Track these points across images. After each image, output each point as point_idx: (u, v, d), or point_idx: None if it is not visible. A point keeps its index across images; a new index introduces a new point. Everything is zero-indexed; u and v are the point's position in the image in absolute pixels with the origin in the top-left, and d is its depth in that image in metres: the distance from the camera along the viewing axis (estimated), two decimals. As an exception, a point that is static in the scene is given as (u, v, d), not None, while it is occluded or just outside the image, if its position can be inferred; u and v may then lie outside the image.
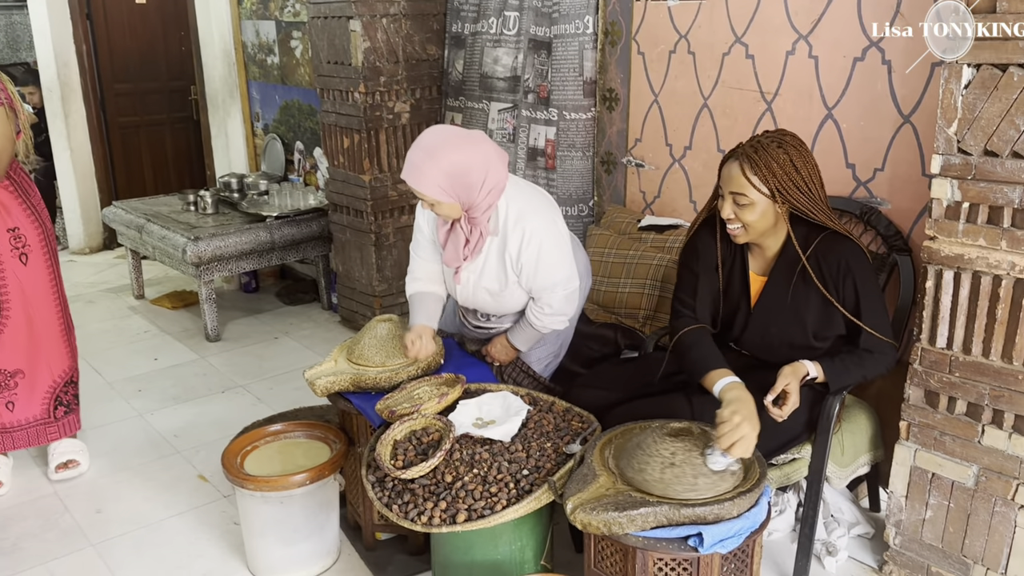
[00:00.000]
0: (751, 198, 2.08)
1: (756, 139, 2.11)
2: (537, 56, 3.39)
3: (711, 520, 1.76)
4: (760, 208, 2.10)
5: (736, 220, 2.13)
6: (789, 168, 2.06)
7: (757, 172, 2.06)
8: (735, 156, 2.11)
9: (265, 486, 2.28)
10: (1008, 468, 2.08)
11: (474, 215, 2.29)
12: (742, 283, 2.26)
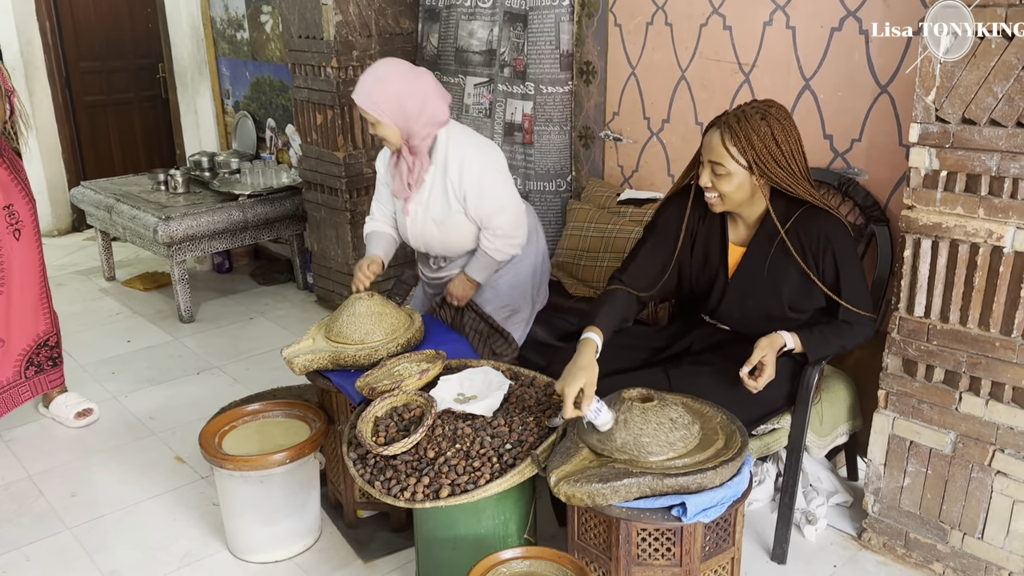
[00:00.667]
0: (728, 168, 2.07)
1: (741, 108, 2.09)
2: (513, 29, 3.35)
3: (694, 489, 1.77)
4: (737, 179, 2.09)
5: (713, 189, 2.12)
6: (769, 142, 2.04)
7: (736, 143, 2.05)
8: (717, 125, 2.09)
9: (244, 466, 2.26)
10: (985, 434, 2.10)
11: (413, 143, 2.52)
12: (721, 253, 2.26)
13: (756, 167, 2.06)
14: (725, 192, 2.11)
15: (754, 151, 2.04)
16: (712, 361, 2.24)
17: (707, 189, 2.13)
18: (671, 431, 1.83)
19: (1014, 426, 2.05)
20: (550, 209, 3.42)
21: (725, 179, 2.09)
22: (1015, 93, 1.87)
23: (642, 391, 1.93)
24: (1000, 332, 2.03)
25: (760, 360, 2.09)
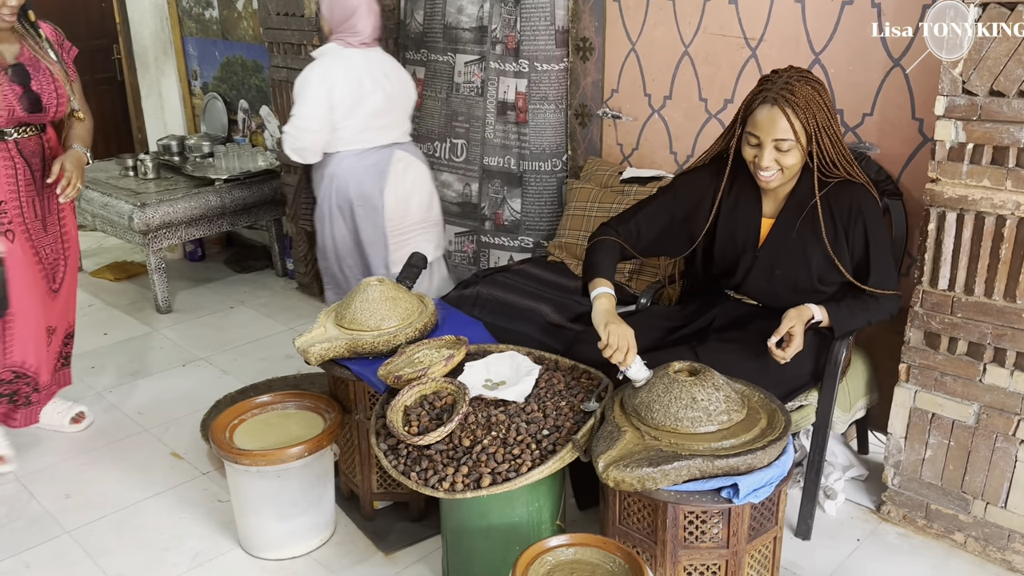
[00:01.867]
0: (792, 142, 2.03)
1: (784, 80, 2.04)
2: (504, 5, 3.26)
3: (744, 470, 1.74)
4: (799, 152, 2.06)
5: (775, 166, 2.07)
6: (823, 107, 2.03)
7: (799, 115, 2.01)
8: (771, 100, 2.02)
9: (262, 460, 2.17)
10: (1010, 404, 2.12)
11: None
12: (752, 226, 2.23)
13: (815, 136, 2.05)
14: (789, 166, 2.07)
15: (815, 120, 2.03)
16: (738, 338, 2.22)
17: (765, 169, 2.08)
18: (720, 403, 1.80)
19: (1040, 396, 2.07)
20: (546, 189, 3.37)
21: (789, 154, 2.05)
22: (1047, 64, 1.88)
23: (690, 364, 1.90)
24: (1027, 303, 2.04)
25: (788, 331, 2.07)
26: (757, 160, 2.08)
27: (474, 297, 2.84)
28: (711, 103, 2.90)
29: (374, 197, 2.95)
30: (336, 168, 2.94)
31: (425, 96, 3.68)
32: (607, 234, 2.26)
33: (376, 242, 2.99)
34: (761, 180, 2.12)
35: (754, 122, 2.06)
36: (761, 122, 2.04)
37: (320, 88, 2.83)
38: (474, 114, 3.49)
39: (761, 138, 2.05)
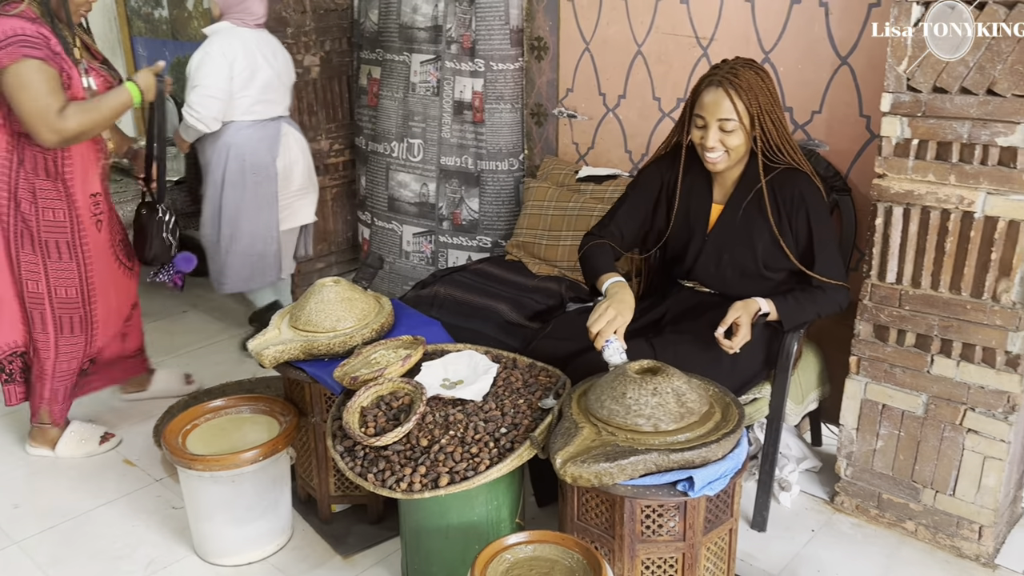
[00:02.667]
0: (736, 124, 2.10)
1: (730, 65, 2.12)
2: (459, 4, 3.26)
3: (699, 463, 1.76)
4: (743, 133, 2.12)
5: (720, 147, 2.13)
6: (765, 94, 2.10)
7: (741, 97, 2.08)
8: (716, 83, 2.10)
9: (215, 465, 2.14)
10: (957, 394, 2.17)
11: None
12: (703, 211, 2.29)
13: (758, 119, 2.11)
14: (733, 147, 2.14)
15: (758, 103, 2.09)
16: (692, 328, 2.24)
17: (712, 150, 2.14)
18: (682, 401, 1.81)
19: (984, 385, 2.12)
20: (503, 189, 3.37)
21: (733, 135, 2.12)
22: (985, 61, 1.92)
23: (652, 363, 1.91)
24: (971, 295, 2.09)
25: (735, 321, 2.11)
26: (703, 141, 2.14)
27: (432, 297, 2.83)
28: (664, 102, 2.92)
29: (268, 166, 3.20)
30: (233, 138, 3.15)
31: (381, 96, 3.66)
32: (593, 240, 2.33)
33: (266, 207, 3.23)
34: (708, 162, 2.18)
35: (700, 104, 2.13)
36: (707, 104, 2.11)
37: (223, 61, 3.04)
38: (430, 114, 3.47)
39: (707, 119, 2.12)
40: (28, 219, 2.49)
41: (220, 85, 3.05)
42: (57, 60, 2.36)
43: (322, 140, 3.90)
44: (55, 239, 2.53)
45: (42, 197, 2.49)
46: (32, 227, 2.50)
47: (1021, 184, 1.95)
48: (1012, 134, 1.94)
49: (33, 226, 2.50)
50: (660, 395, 1.80)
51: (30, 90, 2.31)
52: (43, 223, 2.51)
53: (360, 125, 3.85)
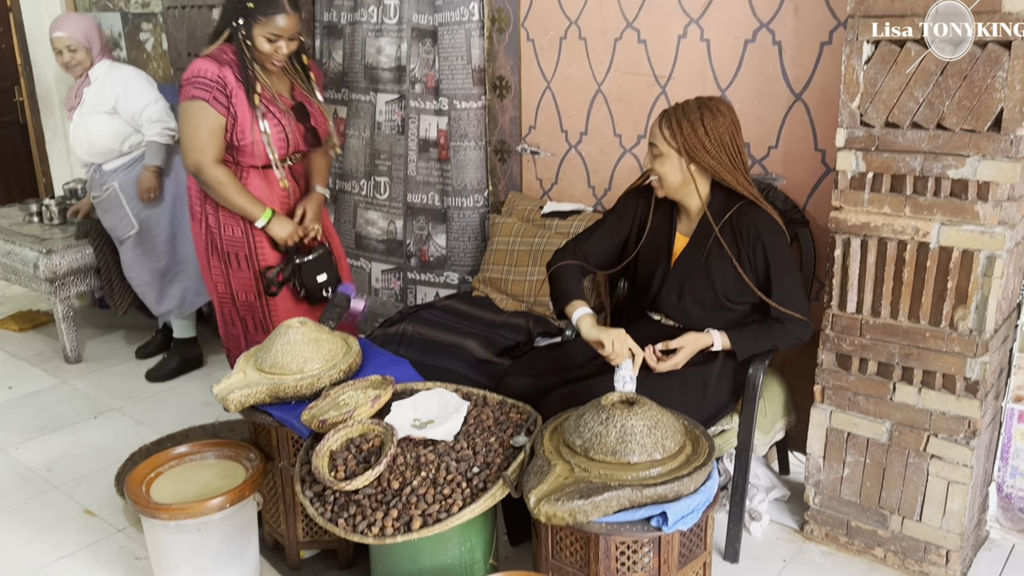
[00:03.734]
0: (661, 150, 2.21)
1: (687, 100, 2.22)
2: (422, 45, 3.29)
3: (672, 498, 1.77)
4: (670, 163, 2.22)
5: (653, 172, 2.25)
6: (699, 128, 2.16)
7: (668, 127, 2.19)
8: (662, 114, 2.23)
9: (181, 514, 2.09)
10: (919, 421, 2.21)
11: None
12: (667, 242, 2.34)
13: (685, 151, 2.19)
14: (661, 173, 2.24)
15: (683, 135, 2.17)
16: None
17: (649, 171, 2.27)
18: (658, 434, 1.82)
19: (946, 411, 2.17)
20: (468, 225, 3.38)
21: (660, 160, 2.23)
22: (934, 97, 1.99)
23: (628, 395, 1.92)
24: (929, 323, 2.14)
25: (676, 346, 2.21)
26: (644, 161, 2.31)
27: (399, 335, 2.82)
28: (625, 138, 2.97)
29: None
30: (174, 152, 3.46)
31: (348, 135, 3.67)
32: (564, 259, 2.39)
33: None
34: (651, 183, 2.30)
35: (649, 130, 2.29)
36: (650, 131, 2.26)
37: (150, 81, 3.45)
38: (396, 152, 3.49)
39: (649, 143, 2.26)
40: (213, 232, 2.73)
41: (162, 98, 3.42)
42: (226, 104, 2.57)
43: (285, 180, 3.88)
44: (235, 251, 2.72)
45: (223, 215, 2.70)
46: (216, 239, 2.73)
47: (973, 215, 2.01)
48: (962, 166, 2.00)
49: (217, 239, 2.73)
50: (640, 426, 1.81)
51: (188, 126, 2.60)
52: (225, 238, 2.72)
53: (323, 164, 3.84)
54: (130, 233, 3.52)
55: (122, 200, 3.49)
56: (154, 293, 3.61)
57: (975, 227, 2.02)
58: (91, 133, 3.40)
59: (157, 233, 3.53)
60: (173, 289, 3.62)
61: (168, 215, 3.53)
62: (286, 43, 2.59)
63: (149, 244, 3.54)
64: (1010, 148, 1.93)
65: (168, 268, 3.58)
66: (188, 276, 3.60)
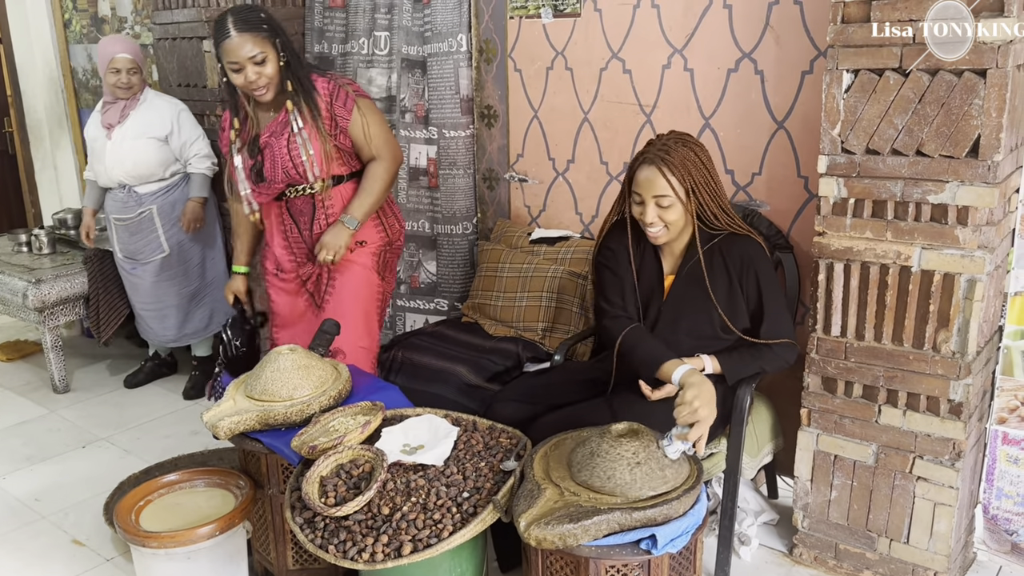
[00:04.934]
0: (672, 200, 2.16)
1: (663, 141, 2.20)
2: (412, 75, 3.34)
3: (661, 521, 1.78)
4: (679, 208, 2.19)
5: (659, 222, 2.19)
6: (700, 166, 2.17)
7: (675, 173, 2.15)
8: (648, 161, 2.17)
9: (170, 542, 2.08)
10: (905, 443, 2.24)
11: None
12: (657, 281, 2.33)
13: (693, 193, 2.17)
14: (671, 221, 2.20)
15: (691, 177, 2.16)
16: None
17: (651, 225, 2.19)
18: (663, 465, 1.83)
19: (931, 433, 2.19)
20: (457, 252, 3.41)
21: (670, 210, 2.18)
22: (913, 124, 2.04)
23: (631, 425, 1.92)
24: (912, 346, 2.17)
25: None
26: (642, 217, 2.20)
27: (390, 361, 2.83)
28: (611, 166, 3.02)
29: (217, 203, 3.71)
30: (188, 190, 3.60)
31: (335, 164, 3.70)
32: (624, 324, 2.26)
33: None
34: (650, 236, 2.24)
35: (637, 182, 2.20)
36: (642, 182, 2.18)
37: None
38: (385, 180, 3.52)
39: (643, 196, 2.18)
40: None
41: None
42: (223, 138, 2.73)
43: (275, 208, 3.91)
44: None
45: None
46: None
47: (953, 239, 2.05)
48: (942, 192, 2.04)
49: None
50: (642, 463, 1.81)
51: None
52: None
53: (313, 192, 3.87)
54: (155, 257, 3.57)
55: (157, 224, 3.54)
56: (179, 317, 3.65)
57: (956, 251, 2.06)
58: (137, 155, 3.44)
59: (190, 257, 3.60)
60: (201, 312, 3.67)
61: (201, 238, 3.61)
62: (252, 68, 2.47)
63: (179, 268, 3.59)
64: (988, 174, 1.98)
65: (198, 291, 3.65)
66: (216, 298, 3.67)
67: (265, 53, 2.49)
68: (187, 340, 3.75)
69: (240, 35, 2.45)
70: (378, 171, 2.65)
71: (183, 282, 3.61)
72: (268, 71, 2.50)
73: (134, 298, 3.70)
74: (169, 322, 3.65)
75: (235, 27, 2.46)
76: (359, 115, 2.61)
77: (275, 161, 2.61)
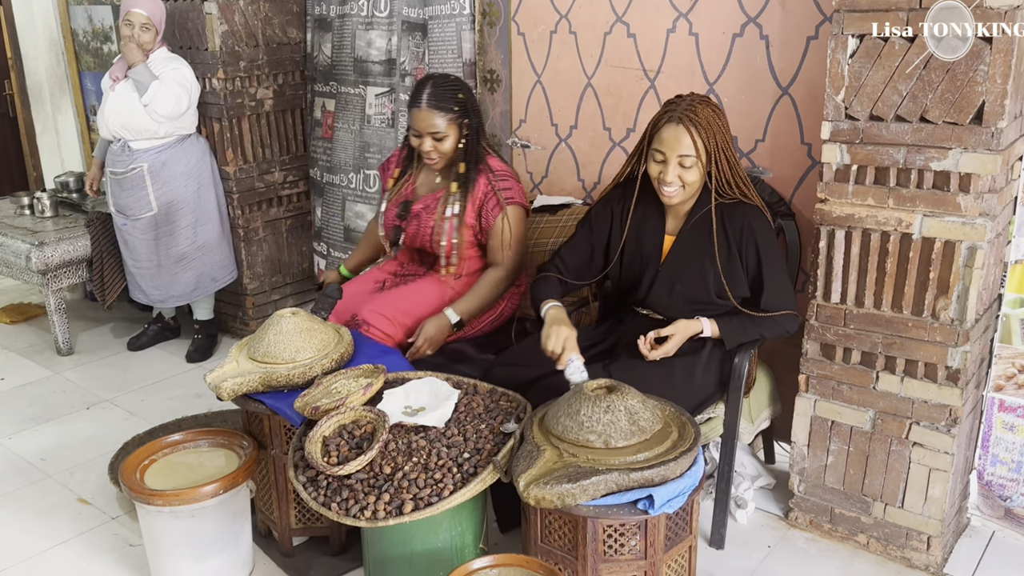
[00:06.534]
0: (694, 159, 2.16)
1: (687, 102, 2.18)
2: (412, 38, 3.32)
3: (658, 482, 1.80)
4: (699, 169, 2.19)
5: (677, 182, 2.19)
6: (723, 130, 2.18)
7: (701, 134, 2.15)
8: (676, 119, 2.16)
9: (175, 500, 2.11)
10: (902, 409, 2.26)
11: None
12: (657, 242, 2.34)
13: (715, 155, 2.18)
14: (690, 182, 2.20)
15: (715, 140, 2.16)
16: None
17: (669, 184, 2.19)
18: (634, 419, 1.86)
19: (928, 399, 2.21)
20: (459, 218, 3.40)
21: (691, 171, 2.18)
22: (918, 91, 2.03)
23: (609, 381, 1.95)
24: (911, 313, 2.18)
25: (668, 334, 2.23)
26: (662, 176, 2.19)
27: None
28: (615, 132, 3.00)
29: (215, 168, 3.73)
30: (206, 144, 3.66)
31: (336, 128, 3.69)
32: (546, 271, 2.44)
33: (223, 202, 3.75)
34: (664, 195, 2.22)
35: (660, 139, 2.18)
36: (667, 139, 2.16)
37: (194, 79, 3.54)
38: (386, 145, 3.51)
39: (666, 154, 2.17)
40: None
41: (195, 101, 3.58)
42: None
43: (276, 172, 3.91)
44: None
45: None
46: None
47: (955, 206, 2.05)
48: (945, 159, 2.04)
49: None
50: (612, 412, 1.85)
51: None
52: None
53: (315, 157, 3.87)
54: (144, 214, 3.55)
55: (147, 181, 3.52)
56: (167, 278, 3.64)
57: (957, 218, 2.06)
58: (133, 109, 3.41)
59: (179, 218, 3.57)
60: (187, 275, 3.65)
61: (192, 201, 3.58)
62: (430, 141, 2.54)
63: (167, 227, 3.57)
64: (991, 140, 1.97)
65: (187, 254, 3.62)
66: (207, 263, 3.67)
67: (447, 133, 2.55)
68: (172, 303, 3.76)
69: (429, 110, 2.52)
70: (494, 278, 2.64)
71: (169, 242, 3.58)
72: (444, 148, 2.57)
73: (125, 254, 3.71)
74: (155, 282, 3.66)
75: (427, 100, 2.52)
76: (502, 222, 2.61)
77: (419, 231, 2.67)
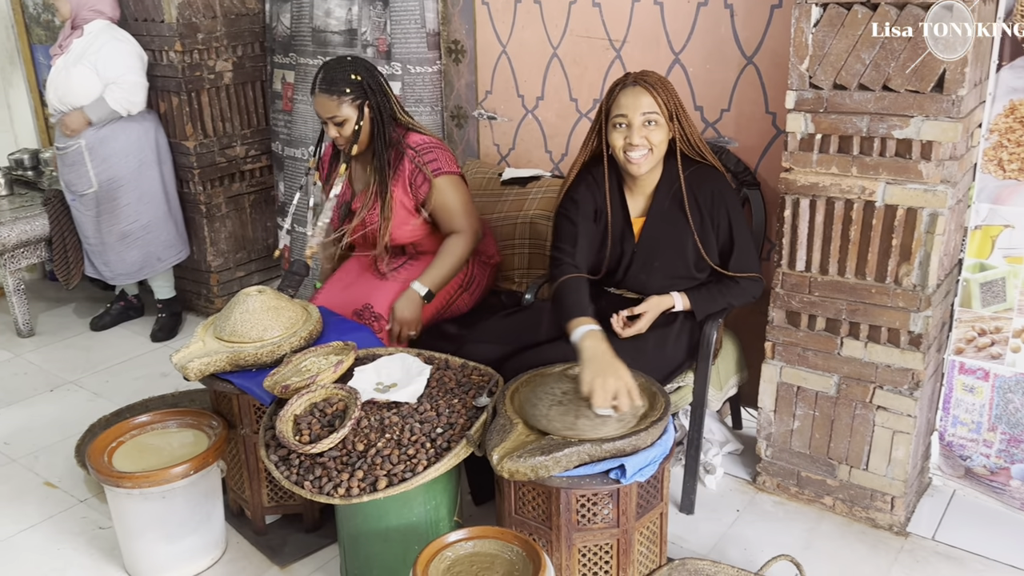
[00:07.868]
0: (658, 119, 2.17)
1: (641, 72, 2.21)
2: (373, 8, 3.26)
3: (629, 452, 1.82)
4: (664, 130, 2.19)
5: (644, 144, 2.17)
6: (674, 91, 2.21)
7: (659, 93, 2.17)
8: (631, 84, 2.18)
9: (145, 482, 2.10)
10: (866, 374, 2.30)
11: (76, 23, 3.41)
12: (624, 225, 2.33)
13: (675, 115, 2.19)
14: (657, 143, 2.19)
15: (674, 101, 2.19)
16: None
17: (636, 148, 2.17)
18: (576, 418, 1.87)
19: (891, 364, 2.25)
20: (425, 191, 3.38)
21: (656, 130, 2.18)
22: (880, 59, 2.05)
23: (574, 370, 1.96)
24: (875, 280, 2.22)
25: (641, 312, 2.24)
26: (628, 140, 2.17)
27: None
28: (581, 102, 2.99)
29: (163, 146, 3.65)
30: (152, 121, 3.58)
31: (296, 100, 3.63)
32: (569, 272, 2.23)
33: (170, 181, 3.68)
34: (632, 163, 2.19)
35: (619, 104, 2.18)
36: (626, 103, 2.17)
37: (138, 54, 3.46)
38: (348, 118, 3.46)
39: (629, 115, 2.16)
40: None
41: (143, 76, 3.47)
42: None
43: (237, 146, 3.84)
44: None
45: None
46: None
47: (917, 174, 2.08)
48: (907, 127, 2.06)
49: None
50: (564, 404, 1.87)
51: None
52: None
53: (276, 130, 3.81)
54: (87, 191, 3.49)
55: (86, 158, 3.44)
56: (112, 255, 3.58)
57: (919, 185, 2.09)
58: (71, 81, 3.33)
59: (120, 196, 3.49)
60: (132, 254, 3.58)
61: (133, 179, 3.50)
62: (332, 127, 2.50)
63: (109, 205, 3.50)
64: (952, 108, 2.00)
65: (130, 232, 3.55)
66: (151, 242, 3.60)
67: (346, 116, 2.48)
68: (122, 280, 3.70)
69: (322, 95, 2.47)
70: (454, 244, 2.58)
71: (111, 220, 3.52)
72: (347, 132, 2.51)
73: (79, 231, 3.66)
74: (103, 259, 3.61)
75: (320, 85, 2.48)
76: (438, 197, 2.55)
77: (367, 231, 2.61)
